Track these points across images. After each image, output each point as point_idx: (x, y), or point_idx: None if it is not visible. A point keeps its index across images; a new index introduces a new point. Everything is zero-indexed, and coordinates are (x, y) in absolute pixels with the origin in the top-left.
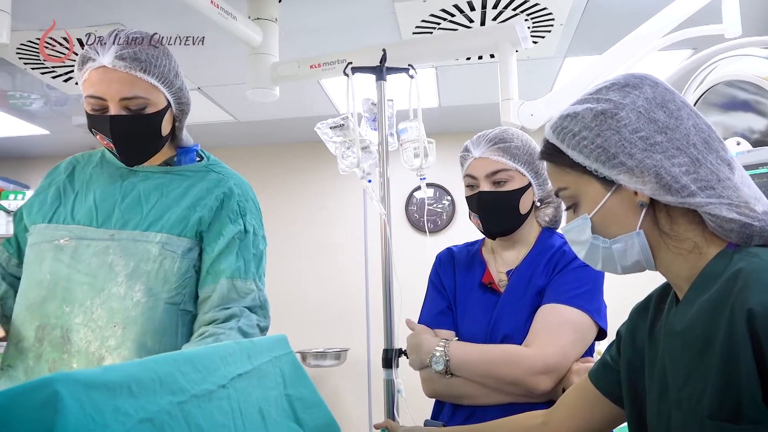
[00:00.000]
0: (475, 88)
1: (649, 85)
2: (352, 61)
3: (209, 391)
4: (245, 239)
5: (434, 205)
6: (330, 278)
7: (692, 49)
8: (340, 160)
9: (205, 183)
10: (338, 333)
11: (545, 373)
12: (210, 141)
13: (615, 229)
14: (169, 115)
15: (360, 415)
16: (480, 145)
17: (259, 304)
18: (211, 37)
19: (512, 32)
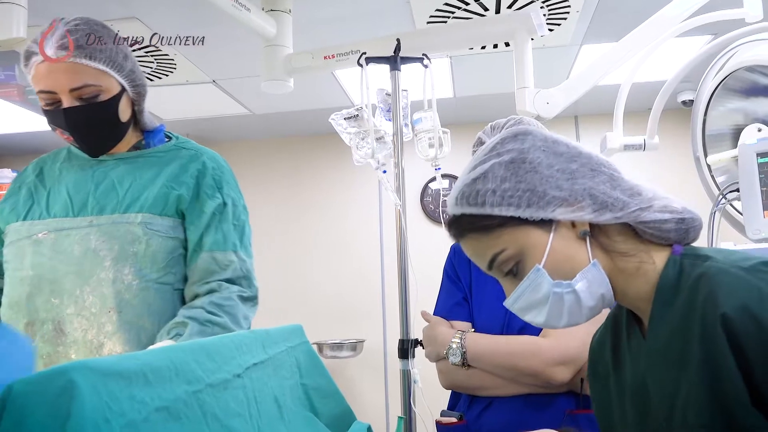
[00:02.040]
0: (490, 78)
1: (532, 133)
2: (366, 51)
3: (224, 380)
4: (224, 211)
5: (449, 196)
6: (346, 269)
7: (711, 35)
8: (355, 151)
9: (178, 161)
10: (354, 324)
11: (564, 363)
12: (225, 134)
13: (570, 269)
14: (126, 100)
15: (376, 406)
16: None
17: (242, 274)
18: (225, 30)
19: (528, 20)
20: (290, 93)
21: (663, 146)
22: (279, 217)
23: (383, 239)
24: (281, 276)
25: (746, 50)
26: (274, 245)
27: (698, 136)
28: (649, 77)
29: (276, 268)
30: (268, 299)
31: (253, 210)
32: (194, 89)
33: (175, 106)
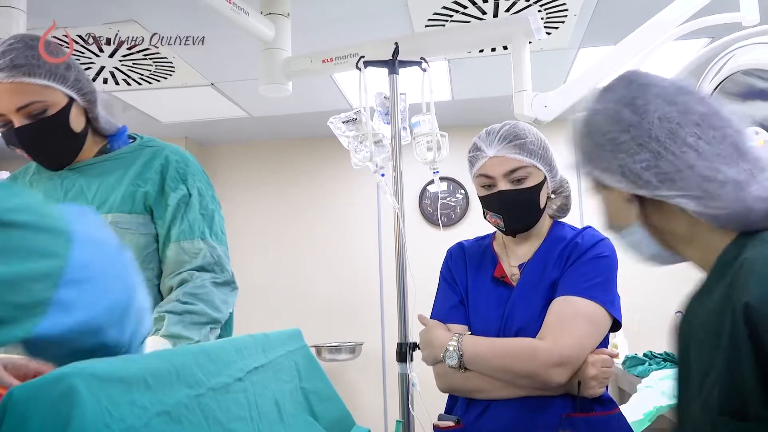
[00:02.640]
0: (489, 81)
1: (623, 85)
2: (364, 55)
3: (226, 384)
4: (190, 202)
5: (448, 199)
6: (344, 272)
7: (710, 38)
8: (353, 155)
9: (142, 159)
10: (353, 327)
11: (560, 365)
12: (224, 137)
13: (621, 223)
14: (77, 110)
15: (375, 409)
16: (493, 144)
17: (213, 260)
18: (223, 33)
19: (525, 23)
20: (289, 96)
21: None
22: (277, 220)
23: (381, 242)
24: (280, 279)
25: (743, 54)
26: (273, 248)
27: None
28: None
29: (275, 271)
30: (267, 302)
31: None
32: (192, 92)
33: (173, 108)
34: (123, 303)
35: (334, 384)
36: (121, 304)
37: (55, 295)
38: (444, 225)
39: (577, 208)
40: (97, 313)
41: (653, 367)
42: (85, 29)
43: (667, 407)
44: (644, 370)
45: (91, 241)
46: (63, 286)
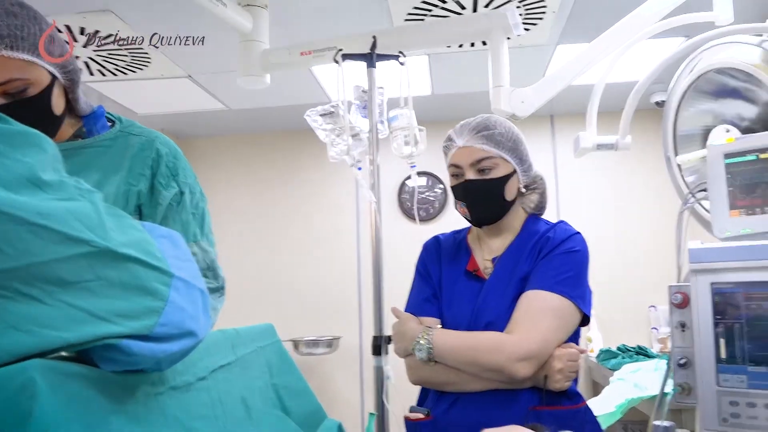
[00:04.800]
0: (469, 76)
1: None
2: (342, 48)
3: (188, 383)
4: (182, 201)
5: (426, 194)
6: (322, 266)
7: (685, 37)
8: (330, 148)
9: (129, 150)
10: (331, 321)
11: (526, 359)
12: (201, 129)
13: None
14: (59, 90)
15: (352, 402)
16: (463, 134)
17: (206, 265)
18: (201, 24)
19: (504, 19)
20: (267, 88)
21: (637, 146)
22: (255, 214)
23: (360, 236)
24: (257, 272)
25: (716, 52)
26: (250, 241)
27: (669, 136)
28: (624, 78)
29: (252, 265)
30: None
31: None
32: (169, 83)
33: (149, 100)
34: (197, 342)
35: (311, 378)
36: (196, 344)
37: (154, 330)
38: (422, 219)
39: (554, 205)
40: (174, 351)
41: (626, 360)
42: (60, 18)
43: (638, 399)
44: (617, 363)
45: (182, 282)
46: (161, 326)
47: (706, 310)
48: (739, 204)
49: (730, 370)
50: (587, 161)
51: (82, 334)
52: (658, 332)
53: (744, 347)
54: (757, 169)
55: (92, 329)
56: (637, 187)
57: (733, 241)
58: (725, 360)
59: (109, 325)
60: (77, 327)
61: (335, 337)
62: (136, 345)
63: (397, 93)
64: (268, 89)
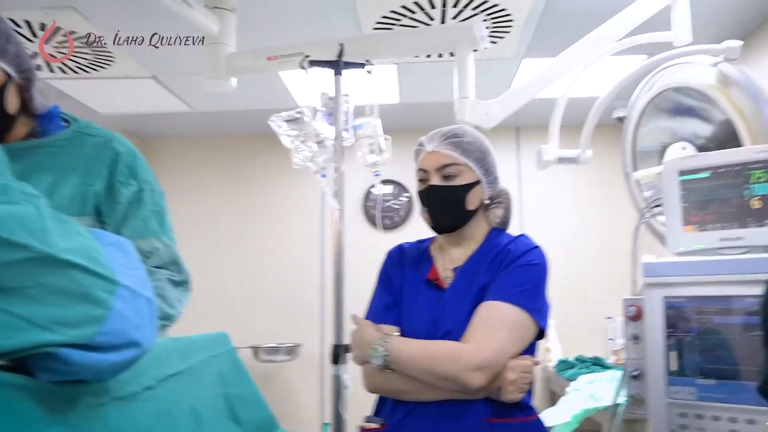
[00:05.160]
0: (437, 86)
1: None
2: (309, 54)
3: (133, 393)
4: (141, 198)
5: (392, 202)
6: (286, 272)
7: (646, 55)
8: (294, 154)
9: (87, 150)
10: (293, 328)
11: (480, 369)
12: (165, 131)
13: None
14: (14, 89)
15: (312, 411)
16: (433, 140)
17: (170, 260)
18: (166, 24)
19: (470, 32)
20: (234, 91)
21: (598, 160)
22: (218, 218)
23: (324, 243)
24: (219, 278)
25: (674, 72)
26: (212, 246)
27: (628, 151)
28: (587, 93)
29: (214, 270)
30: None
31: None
32: (133, 84)
33: (112, 100)
34: (142, 353)
35: (271, 386)
36: (140, 354)
37: (95, 339)
38: (387, 227)
39: (517, 215)
40: (116, 361)
41: (582, 371)
42: (20, 14)
43: (593, 410)
44: (574, 373)
45: (128, 290)
46: (103, 335)
47: (659, 323)
48: (692, 220)
49: (680, 383)
50: (552, 173)
51: (18, 341)
52: (614, 343)
53: (694, 360)
54: (710, 187)
55: (30, 337)
56: (599, 201)
57: (686, 256)
58: (676, 372)
59: (47, 333)
60: (13, 334)
61: (296, 345)
62: (77, 354)
63: (363, 101)
64: (235, 92)
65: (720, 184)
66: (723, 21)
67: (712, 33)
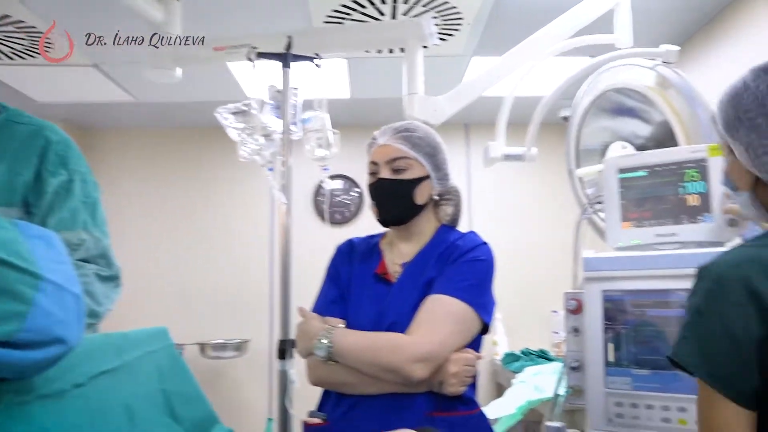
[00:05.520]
0: (388, 81)
1: None
2: (257, 46)
3: (61, 390)
4: (71, 188)
5: (342, 197)
6: (234, 267)
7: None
8: (240, 147)
9: (17, 139)
10: (242, 323)
11: (422, 361)
12: (108, 121)
13: (737, 185)
14: None
15: (260, 408)
16: (386, 134)
17: (98, 253)
18: (109, 11)
19: (419, 28)
20: (180, 82)
21: (545, 158)
22: (163, 211)
23: (273, 237)
24: (163, 272)
25: (616, 73)
26: (157, 240)
27: (572, 150)
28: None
29: (158, 264)
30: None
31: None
32: (73, 72)
33: (50, 88)
34: (67, 350)
35: (218, 382)
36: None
37: (15, 336)
38: (338, 222)
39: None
40: (39, 359)
41: (528, 363)
42: None
43: (537, 401)
44: (520, 366)
45: (53, 285)
46: (24, 331)
47: (598, 316)
48: (630, 216)
49: (617, 373)
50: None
51: None
52: (559, 336)
53: (630, 351)
54: (647, 185)
55: None
56: (545, 197)
57: (624, 251)
58: (613, 363)
59: None
60: None
61: (244, 340)
62: None
63: (313, 95)
64: (182, 83)
65: (656, 182)
66: (663, 27)
67: (653, 37)
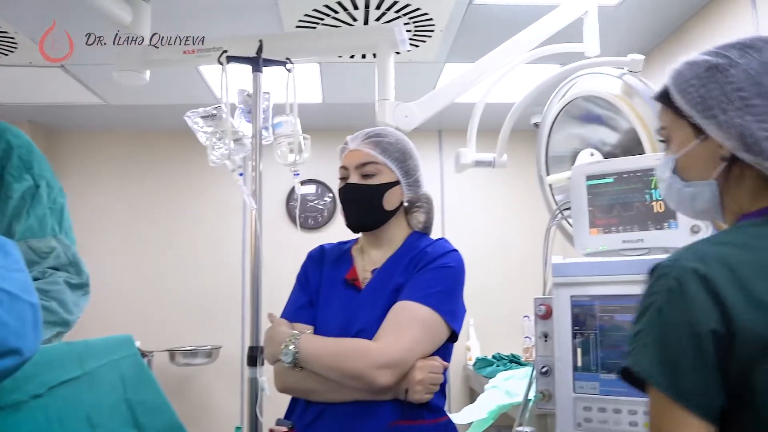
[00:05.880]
0: (361, 87)
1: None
2: (227, 49)
3: (18, 402)
4: (37, 194)
5: (315, 202)
6: (206, 273)
7: (560, 64)
8: (210, 151)
9: None
10: (214, 330)
11: (387, 367)
12: (75, 123)
13: (693, 174)
14: None
15: (231, 414)
16: (357, 139)
17: (68, 261)
18: (76, 11)
19: (390, 34)
20: (151, 85)
21: (516, 164)
22: (133, 216)
23: (245, 243)
24: (132, 279)
25: (585, 81)
26: (125, 245)
27: (542, 156)
28: (507, 99)
29: (127, 271)
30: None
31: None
32: (39, 72)
33: (14, 89)
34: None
35: (189, 390)
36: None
37: None
38: (310, 228)
39: (439, 216)
40: None
41: (500, 369)
42: None
43: (508, 406)
44: (492, 371)
45: (6, 294)
46: None
47: (566, 321)
48: (598, 223)
49: (585, 378)
50: (474, 176)
51: None
52: (530, 341)
53: (597, 356)
54: (614, 191)
55: None
56: (516, 204)
57: (592, 257)
58: (581, 368)
59: None
60: None
61: (215, 347)
62: None
63: (284, 99)
64: (152, 86)
65: (623, 189)
66: (632, 36)
67: (620, 47)
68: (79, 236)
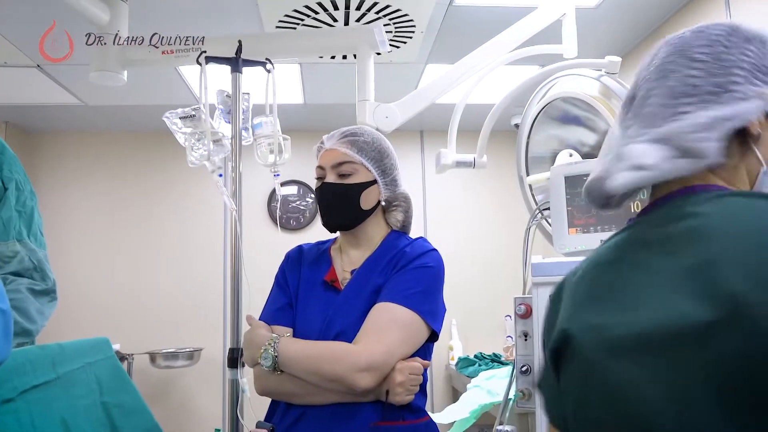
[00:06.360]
0: (342, 87)
1: None
2: (206, 50)
3: None
4: (5, 197)
5: (297, 203)
6: (187, 275)
7: (540, 66)
8: (189, 152)
9: None
10: (195, 332)
11: (367, 370)
12: (52, 124)
13: None
14: None
15: (213, 417)
16: (333, 138)
17: (32, 265)
18: (52, 10)
19: (370, 35)
20: (129, 85)
21: (496, 164)
22: (113, 217)
23: (227, 244)
24: (112, 281)
25: (564, 82)
26: (104, 248)
27: (522, 157)
28: (488, 100)
29: (105, 273)
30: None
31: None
32: (14, 72)
33: None
34: None
35: (170, 392)
36: None
37: None
38: (292, 228)
39: (421, 216)
40: None
41: (482, 368)
42: None
43: (490, 405)
44: (474, 370)
45: None
46: None
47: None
48: (576, 223)
49: None
50: (455, 176)
51: None
52: (512, 341)
53: None
54: None
55: None
56: (497, 204)
57: (572, 256)
58: None
59: None
60: None
61: (196, 349)
62: None
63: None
64: (131, 86)
65: None
66: (611, 37)
67: (598, 48)
68: (56, 239)
